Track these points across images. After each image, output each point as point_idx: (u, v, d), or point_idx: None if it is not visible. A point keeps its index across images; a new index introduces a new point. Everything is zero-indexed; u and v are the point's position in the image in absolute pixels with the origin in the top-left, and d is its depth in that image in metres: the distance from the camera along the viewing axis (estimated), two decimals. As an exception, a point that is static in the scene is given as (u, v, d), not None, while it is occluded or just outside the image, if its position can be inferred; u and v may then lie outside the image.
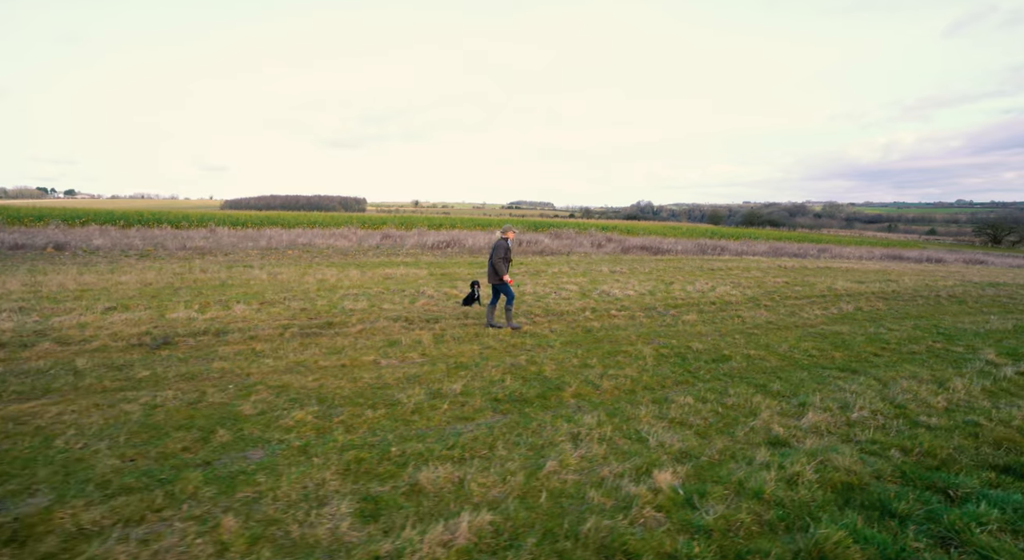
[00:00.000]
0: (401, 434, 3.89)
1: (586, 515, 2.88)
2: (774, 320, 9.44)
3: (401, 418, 4.23)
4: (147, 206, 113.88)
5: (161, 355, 5.80)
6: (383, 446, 3.61)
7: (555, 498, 3.07)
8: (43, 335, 6.39)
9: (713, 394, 5.08)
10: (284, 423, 3.97)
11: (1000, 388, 5.57)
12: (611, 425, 4.22)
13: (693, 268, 18.87)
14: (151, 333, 6.70)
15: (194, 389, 4.63)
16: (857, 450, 3.85)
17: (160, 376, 5.00)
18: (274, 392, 4.67)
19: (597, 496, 3.07)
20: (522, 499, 3.04)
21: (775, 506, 3.00)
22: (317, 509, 2.81)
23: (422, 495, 3.01)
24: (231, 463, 3.28)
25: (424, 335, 7.24)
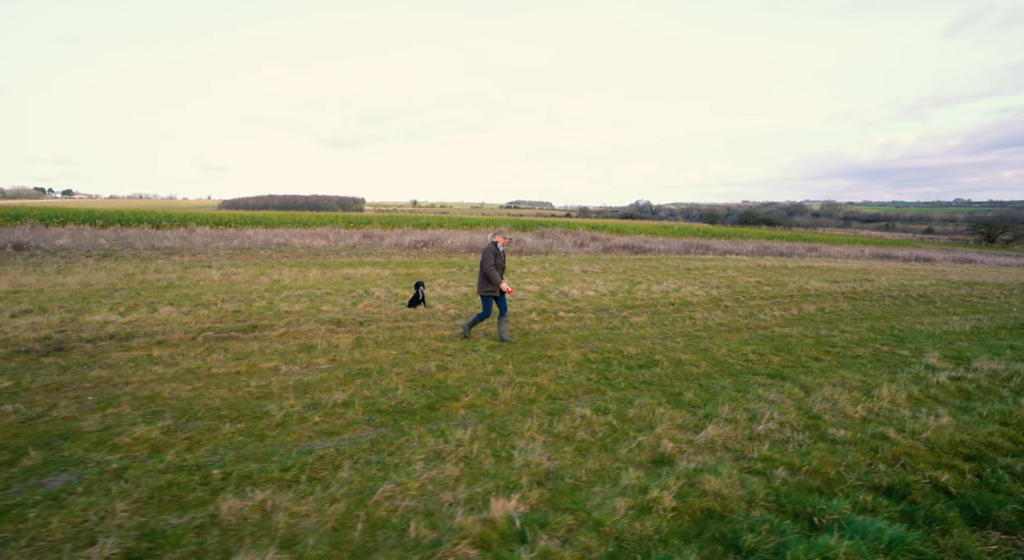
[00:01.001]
0: (244, 452, 3.56)
1: (393, 553, 2.55)
2: (727, 322, 9.11)
3: (259, 433, 3.90)
4: (145, 206, 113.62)
5: (45, 362, 5.47)
6: (210, 467, 3.28)
7: (372, 531, 2.74)
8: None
9: (617, 404, 4.74)
10: (120, 441, 3.64)
11: (928, 395, 5.23)
12: (485, 441, 3.89)
13: (669, 268, 18.53)
14: (51, 338, 6.37)
15: (46, 402, 4.30)
16: (741, 469, 3.52)
17: (23, 387, 4.67)
18: (136, 404, 4.34)
19: (420, 528, 2.74)
20: (334, 532, 2.71)
21: (611, 540, 2.67)
22: (78, 551, 2.47)
23: (217, 529, 2.68)
24: (17, 493, 2.94)
25: (345, 339, 6.92)
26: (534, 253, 23.54)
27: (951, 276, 19.05)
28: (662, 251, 26.53)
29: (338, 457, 3.52)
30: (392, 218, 38.57)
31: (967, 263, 32.58)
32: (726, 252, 28.65)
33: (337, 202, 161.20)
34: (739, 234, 47.36)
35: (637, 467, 3.59)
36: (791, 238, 49.27)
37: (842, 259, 29.09)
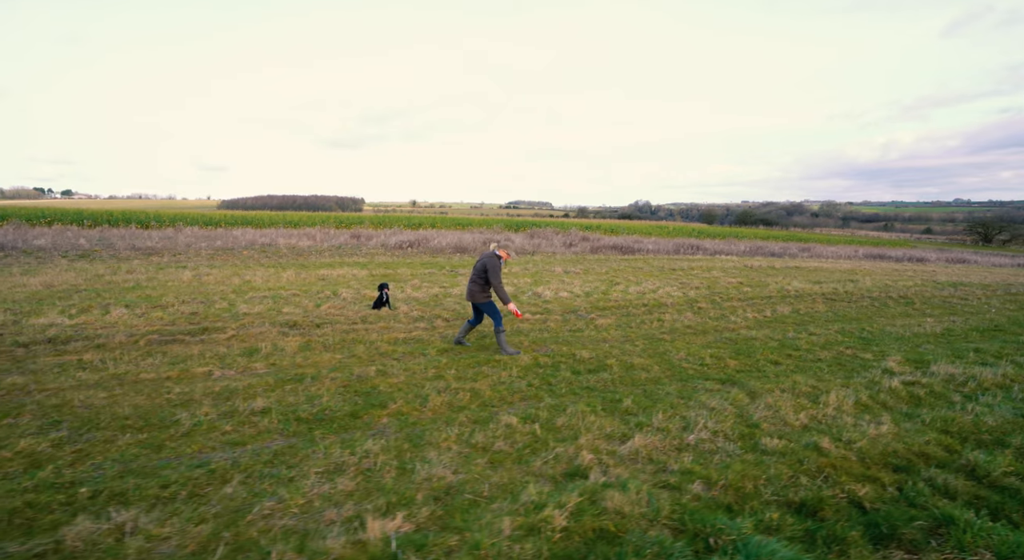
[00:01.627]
0: (131, 466, 3.38)
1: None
2: (695, 324, 8.93)
3: (158, 444, 3.73)
4: (143, 206, 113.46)
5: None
6: (83, 485, 3.11)
7: (233, 555, 2.56)
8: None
9: (549, 412, 4.56)
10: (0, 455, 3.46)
11: (877, 401, 5.05)
12: (395, 452, 3.71)
13: (653, 268, 18.35)
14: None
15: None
16: (655, 484, 3.34)
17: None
18: (39, 413, 4.17)
19: (286, 552, 2.56)
20: (191, 557, 2.54)
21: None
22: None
23: (58, 557, 2.50)
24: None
25: (294, 342, 6.74)
26: (521, 253, 23.36)
27: (938, 277, 18.85)
28: (651, 251, 26.34)
29: (231, 470, 3.35)
30: (384, 218, 38.39)
31: (960, 263, 32.37)
32: (717, 252, 28.46)
33: (336, 202, 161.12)
34: (734, 234, 47.16)
35: (548, 481, 3.41)
36: (786, 238, 49.07)
37: (833, 259, 28.89)
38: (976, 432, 4.21)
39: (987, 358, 6.75)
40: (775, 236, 49.85)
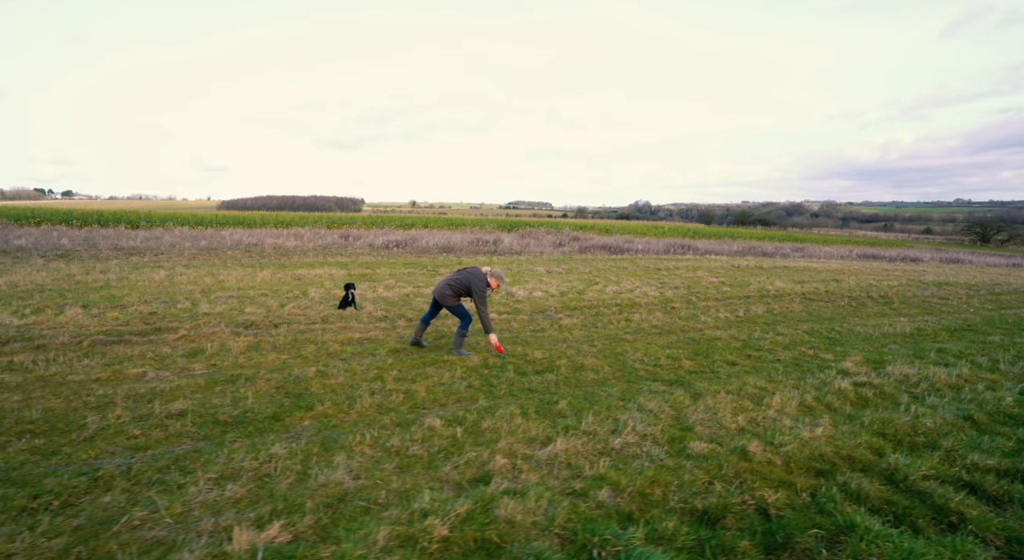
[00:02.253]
0: (11, 475, 3.23)
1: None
2: (663, 324, 8.79)
3: (54, 449, 3.59)
4: (142, 206, 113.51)
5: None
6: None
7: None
8: None
9: (477, 414, 4.42)
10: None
11: (823, 402, 4.90)
12: (302, 456, 3.57)
13: (638, 268, 18.20)
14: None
15: None
16: (561, 490, 3.19)
17: None
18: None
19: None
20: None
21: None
22: None
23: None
24: None
25: (242, 343, 6.60)
26: (508, 253, 23.23)
27: (926, 276, 18.68)
28: (640, 251, 26.19)
29: (118, 478, 3.21)
30: (376, 218, 38.27)
31: (954, 263, 32.16)
32: (708, 252, 28.29)
33: (335, 203, 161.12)
34: (729, 234, 46.99)
35: (452, 487, 3.27)
36: (782, 238, 48.89)
37: (825, 259, 28.72)
38: (912, 434, 4.06)
39: (948, 358, 6.59)
40: (771, 236, 49.67)
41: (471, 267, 6.52)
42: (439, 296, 6.45)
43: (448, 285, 6.41)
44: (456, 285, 6.38)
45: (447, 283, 6.43)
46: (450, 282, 6.42)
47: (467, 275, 6.37)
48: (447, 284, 6.42)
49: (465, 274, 6.41)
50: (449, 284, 6.41)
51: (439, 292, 6.45)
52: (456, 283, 6.39)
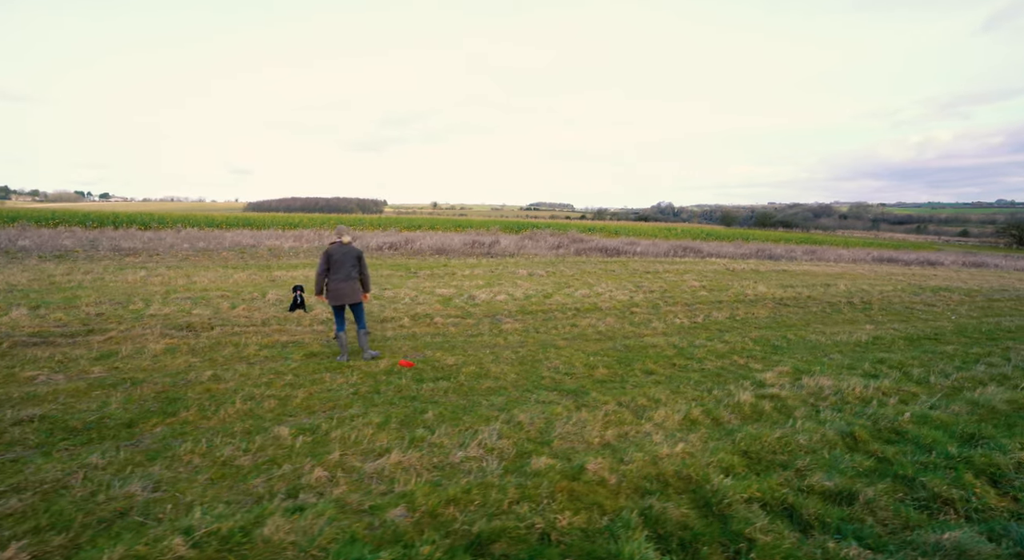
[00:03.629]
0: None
1: None
2: (608, 329, 8.54)
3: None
4: (174, 208, 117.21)
5: None
6: None
7: None
8: None
9: (336, 423, 4.30)
10: None
11: (711, 416, 4.62)
12: (117, 467, 3.50)
13: (626, 271, 17.86)
14: None
15: None
16: (357, 508, 3.05)
17: None
18: None
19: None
20: None
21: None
22: None
23: None
24: None
25: (161, 346, 6.62)
26: (502, 256, 23.10)
27: (931, 281, 17.83)
28: (639, 254, 25.75)
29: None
30: (382, 220, 38.61)
31: (977, 267, 30.72)
32: (711, 255, 27.65)
33: (357, 204, 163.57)
34: (743, 236, 45.92)
35: (253, 500, 3.17)
36: (800, 241, 47.58)
37: (834, 262, 27.76)
38: (776, 452, 3.79)
39: (882, 369, 6.19)
40: (787, 238, 48.38)
41: (332, 246, 6.20)
42: (344, 300, 6.16)
43: (345, 281, 6.09)
44: (352, 273, 6.13)
45: (344, 280, 6.08)
46: (346, 278, 6.09)
47: (353, 253, 6.17)
48: (343, 281, 6.07)
49: (350, 254, 6.16)
50: (348, 279, 6.10)
51: (343, 295, 6.14)
52: (351, 270, 6.11)
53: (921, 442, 3.84)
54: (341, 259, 6.16)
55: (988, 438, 3.83)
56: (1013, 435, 3.90)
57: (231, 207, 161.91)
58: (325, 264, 6.15)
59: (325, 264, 6.15)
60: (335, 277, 6.14)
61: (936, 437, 3.88)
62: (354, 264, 6.20)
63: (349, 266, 6.16)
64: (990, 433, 3.91)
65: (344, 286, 6.15)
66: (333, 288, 6.15)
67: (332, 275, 6.15)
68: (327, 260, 6.15)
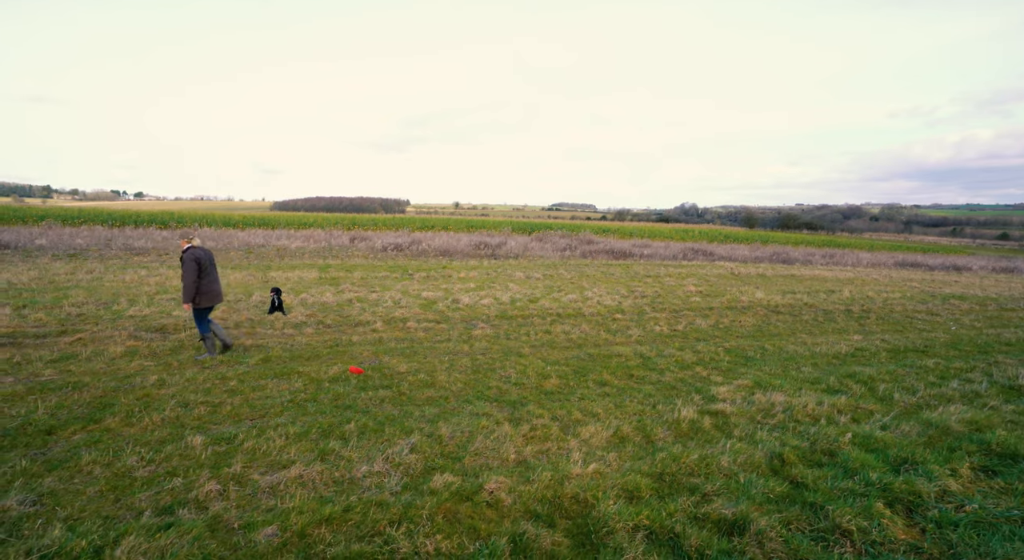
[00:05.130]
0: None
1: None
2: (579, 337, 8.35)
3: None
4: (201, 207, 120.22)
5: None
6: None
7: None
8: None
9: (255, 433, 4.25)
10: None
11: (643, 434, 4.43)
12: (7, 478, 3.51)
13: (625, 274, 17.58)
14: None
15: None
16: (230, 526, 2.99)
17: None
18: None
19: None
20: None
21: None
22: None
23: None
24: None
25: (121, 349, 6.69)
26: (506, 257, 23.01)
27: (945, 289, 17.07)
28: (646, 256, 25.34)
29: None
30: (395, 220, 38.88)
31: (1007, 273, 29.35)
32: (722, 258, 27.05)
33: (380, 203, 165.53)
34: (761, 239, 44.87)
35: (133, 515, 3.13)
36: (821, 243, 46.33)
37: (850, 267, 26.85)
38: (692, 474, 3.59)
39: (848, 384, 5.86)
40: (807, 241, 47.13)
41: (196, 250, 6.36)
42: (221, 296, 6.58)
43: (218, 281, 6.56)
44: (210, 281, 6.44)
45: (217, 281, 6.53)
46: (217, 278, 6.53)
47: (212, 255, 6.58)
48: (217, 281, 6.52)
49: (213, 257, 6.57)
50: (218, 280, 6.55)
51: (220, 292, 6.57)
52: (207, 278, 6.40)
53: (849, 466, 3.60)
54: (210, 260, 6.48)
55: (919, 463, 3.56)
56: (950, 459, 3.62)
57: (258, 206, 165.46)
58: (197, 268, 6.25)
59: (197, 268, 6.25)
60: (208, 279, 6.40)
61: (866, 461, 3.63)
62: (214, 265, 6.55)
63: (215, 268, 6.56)
64: (923, 457, 3.64)
65: (218, 286, 6.54)
66: (209, 290, 6.39)
67: (206, 277, 6.35)
68: (198, 264, 6.26)
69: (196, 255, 6.28)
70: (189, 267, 6.17)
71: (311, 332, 8.13)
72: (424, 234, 29.05)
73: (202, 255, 6.36)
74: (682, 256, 26.61)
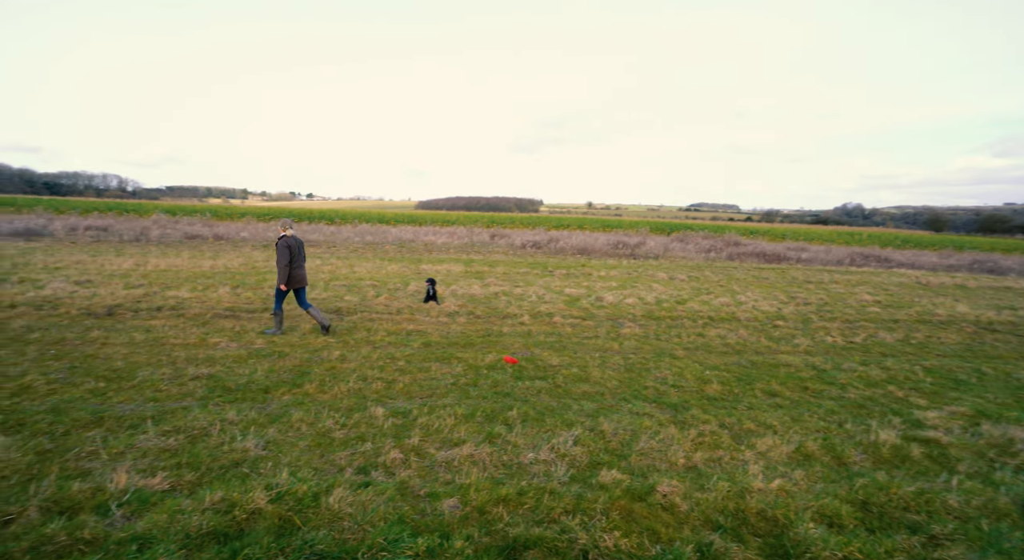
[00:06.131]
0: None
1: None
2: (737, 342, 7.75)
3: None
4: (358, 206, 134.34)
5: None
6: None
7: None
8: None
9: (424, 411, 4.54)
10: None
11: (833, 454, 3.87)
12: (243, 424, 4.14)
13: (782, 279, 16.00)
14: None
15: None
16: (416, 492, 3.20)
17: None
18: None
19: None
20: None
21: None
22: None
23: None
24: None
25: (309, 326, 7.65)
26: (646, 257, 22.26)
27: None
28: (804, 261, 22.76)
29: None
30: (531, 218, 39.77)
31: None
32: (903, 265, 23.36)
33: (515, 203, 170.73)
34: (954, 244, 37.85)
35: (334, 470, 3.50)
36: None
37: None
38: (908, 509, 3.04)
39: None
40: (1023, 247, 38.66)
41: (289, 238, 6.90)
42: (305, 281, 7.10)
43: (302, 268, 7.07)
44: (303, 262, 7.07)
45: (302, 267, 7.06)
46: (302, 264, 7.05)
47: (302, 242, 7.13)
48: (301, 268, 7.04)
49: (302, 244, 7.13)
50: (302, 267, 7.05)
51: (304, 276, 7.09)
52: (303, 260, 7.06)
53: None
54: (300, 248, 7.02)
55: None
56: None
57: (405, 205, 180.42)
58: (289, 255, 6.80)
59: (289, 255, 6.80)
60: (295, 265, 6.95)
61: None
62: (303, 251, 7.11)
63: (303, 254, 7.09)
64: None
65: (301, 272, 7.06)
66: (294, 275, 6.96)
67: (294, 263, 6.92)
68: (289, 251, 6.82)
69: (288, 243, 6.87)
70: (282, 253, 6.82)
71: (463, 321, 8.53)
72: (560, 233, 29.23)
73: (293, 243, 6.94)
74: (849, 261, 23.49)
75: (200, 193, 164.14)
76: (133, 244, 19.50)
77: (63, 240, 20.00)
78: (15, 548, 2.48)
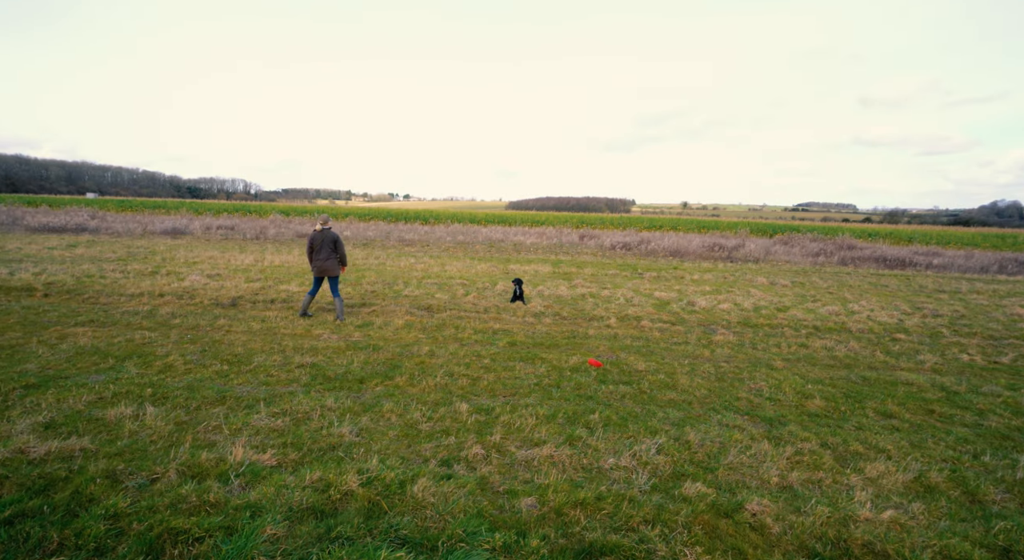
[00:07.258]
0: None
1: None
2: (847, 356, 7.08)
3: None
4: (451, 206, 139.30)
5: None
6: None
7: None
8: None
9: (507, 409, 4.60)
10: None
11: (961, 485, 3.41)
12: (339, 411, 4.45)
13: (904, 287, 14.40)
14: None
15: None
16: (497, 489, 3.27)
17: None
18: None
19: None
20: None
21: None
22: None
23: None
24: None
25: (401, 321, 8.06)
26: (744, 261, 20.98)
27: None
28: (937, 267, 20.21)
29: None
30: (621, 219, 38.95)
31: None
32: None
33: (606, 203, 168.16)
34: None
35: (419, 461, 3.68)
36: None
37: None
38: None
39: None
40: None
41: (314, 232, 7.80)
42: (325, 272, 7.79)
43: (328, 260, 7.78)
44: (332, 252, 7.81)
45: (327, 259, 7.76)
46: (328, 256, 7.78)
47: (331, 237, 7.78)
48: (326, 260, 7.76)
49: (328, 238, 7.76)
50: (329, 258, 7.78)
51: (324, 270, 7.77)
52: (331, 251, 7.80)
53: None
54: (320, 242, 7.78)
55: None
56: None
57: (495, 205, 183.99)
58: (310, 247, 7.86)
59: (310, 247, 7.86)
60: (318, 256, 7.81)
61: None
62: (331, 246, 7.83)
63: (328, 248, 7.79)
64: None
65: (325, 263, 7.80)
66: (317, 264, 7.83)
67: (316, 254, 7.82)
68: (310, 244, 7.83)
69: (311, 236, 7.83)
70: (308, 244, 7.88)
71: (549, 322, 8.56)
72: (652, 234, 28.33)
73: (316, 237, 7.81)
74: (996, 268, 20.51)
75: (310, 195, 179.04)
76: (254, 241, 21.79)
77: (200, 237, 22.78)
78: (160, 503, 2.87)
